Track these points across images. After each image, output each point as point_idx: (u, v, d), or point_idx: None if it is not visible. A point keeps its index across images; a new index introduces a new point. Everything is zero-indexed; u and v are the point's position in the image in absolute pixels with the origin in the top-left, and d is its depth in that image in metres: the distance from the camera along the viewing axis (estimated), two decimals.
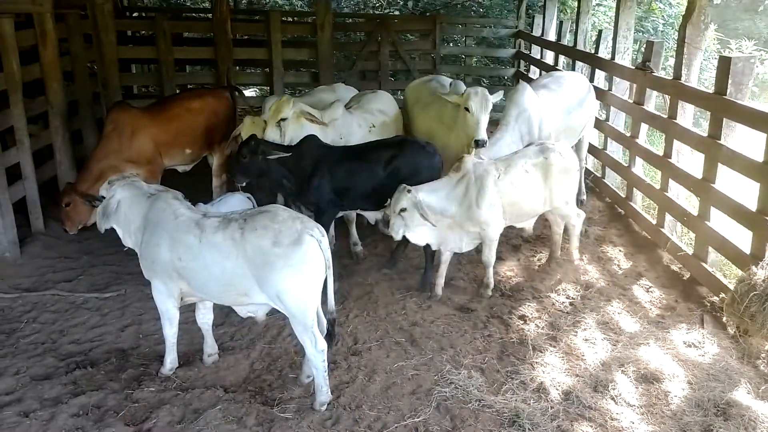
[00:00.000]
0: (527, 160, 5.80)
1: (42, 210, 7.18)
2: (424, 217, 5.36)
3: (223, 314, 5.43)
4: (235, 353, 5.04)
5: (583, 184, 8.33)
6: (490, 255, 5.85)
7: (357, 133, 6.84)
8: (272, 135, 6.28)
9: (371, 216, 6.47)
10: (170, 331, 4.68)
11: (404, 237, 5.54)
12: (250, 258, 4.13)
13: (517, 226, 6.25)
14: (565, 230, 6.46)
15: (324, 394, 4.34)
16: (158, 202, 4.52)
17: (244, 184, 6.04)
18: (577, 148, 8.20)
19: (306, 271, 4.11)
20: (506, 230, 6.14)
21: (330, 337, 4.41)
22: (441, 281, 5.91)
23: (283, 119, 6.32)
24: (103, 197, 4.66)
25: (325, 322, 4.42)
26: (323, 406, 4.34)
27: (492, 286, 6.01)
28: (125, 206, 4.58)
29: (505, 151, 6.40)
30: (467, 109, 6.23)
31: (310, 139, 6.14)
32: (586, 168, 9.11)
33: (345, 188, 5.99)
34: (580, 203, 8.14)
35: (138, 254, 4.61)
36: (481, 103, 6.22)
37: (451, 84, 7.66)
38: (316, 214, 5.97)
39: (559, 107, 7.35)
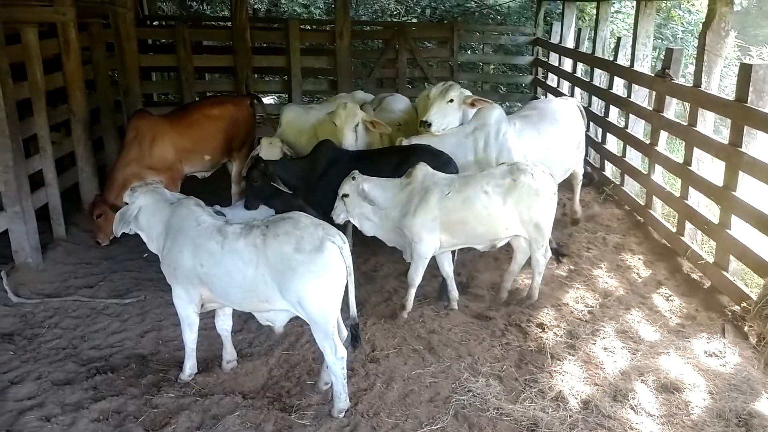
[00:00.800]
0: (490, 180, 5.41)
1: (64, 217, 7.28)
2: (370, 203, 5.37)
3: (242, 321, 5.46)
4: (253, 360, 5.06)
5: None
6: (414, 273, 5.52)
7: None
8: (350, 140, 6.59)
9: None
10: (190, 337, 4.71)
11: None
12: (272, 264, 4.15)
13: (478, 248, 5.76)
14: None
15: (342, 401, 4.35)
16: (180, 208, 4.56)
17: (258, 208, 5.92)
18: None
19: (327, 277, 4.13)
20: None
21: (356, 340, 4.44)
22: (455, 294, 5.83)
23: (357, 124, 6.64)
24: (126, 203, 4.72)
25: (345, 330, 4.44)
26: (341, 413, 4.34)
27: (409, 308, 5.64)
28: (148, 212, 4.63)
29: (445, 148, 6.30)
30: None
31: (325, 143, 6.34)
32: (605, 176, 9.09)
33: None
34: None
35: (160, 260, 4.66)
36: (438, 91, 6.70)
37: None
38: (324, 215, 6.01)
39: (534, 142, 6.79)
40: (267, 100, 14.01)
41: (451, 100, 6.62)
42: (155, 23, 14.62)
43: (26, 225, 6.40)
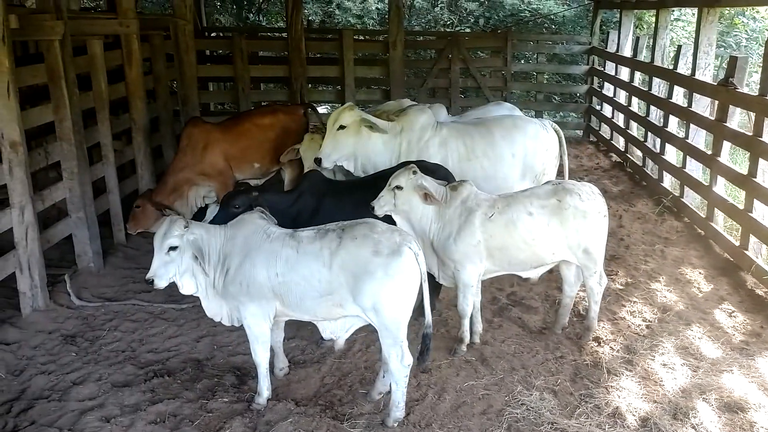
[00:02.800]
0: (534, 201, 5.00)
1: (124, 222, 7.48)
2: (429, 196, 4.87)
3: (294, 328, 5.47)
4: (306, 367, 5.09)
5: None
6: (464, 303, 5.12)
7: None
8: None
9: None
10: (264, 356, 4.53)
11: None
12: (347, 267, 4.12)
13: (521, 275, 5.44)
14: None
15: (400, 410, 4.33)
16: (245, 225, 4.46)
17: None
18: None
19: (404, 282, 4.12)
20: None
21: (424, 353, 4.41)
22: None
23: (342, 127, 6.12)
24: (175, 246, 4.27)
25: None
26: (396, 422, 4.32)
27: (467, 340, 5.25)
28: (203, 242, 4.36)
29: (376, 145, 6.12)
30: None
31: (312, 174, 5.84)
32: (662, 186, 8.87)
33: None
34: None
35: (209, 293, 4.49)
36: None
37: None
38: None
39: (457, 152, 6.26)
40: (321, 109, 14.17)
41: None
42: (213, 35, 14.96)
43: (89, 230, 6.61)
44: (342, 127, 6.11)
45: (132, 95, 7.74)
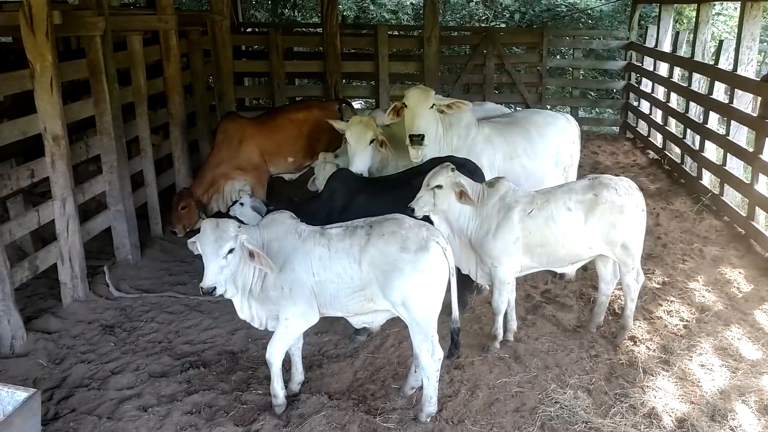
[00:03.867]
0: (572, 196, 4.98)
1: (161, 215, 7.60)
2: (464, 195, 4.79)
3: (328, 323, 5.50)
4: (339, 361, 5.12)
5: None
6: (499, 300, 5.10)
7: None
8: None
9: None
10: (281, 355, 4.44)
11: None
12: (377, 264, 4.14)
13: (557, 271, 5.51)
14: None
15: (432, 405, 4.33)
16: (277, 226, 4.39)
17: None
18: None
19: (432, 277, 4.13)
20: None
21: (454, 347, 4.41)
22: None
23: (372, 141, 5.99)
24: (233, 248, 4.07)
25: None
26: (429, 417, 4.33)
27: (500, 338, 5.23)
28: (251, 245, 4.17)
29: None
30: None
31: (339, 173, 5.75)
32: (701, 184, 8.70)
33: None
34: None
35: (243, 296, 4.35)
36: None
37: None
38: None
39: (501, 150, 6.17)
40: (355, 104, 14.20)
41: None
42: (249, 30, 15.08)
43: (127, 223, 6.74)
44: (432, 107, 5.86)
45: (170, 90, 7.84)
